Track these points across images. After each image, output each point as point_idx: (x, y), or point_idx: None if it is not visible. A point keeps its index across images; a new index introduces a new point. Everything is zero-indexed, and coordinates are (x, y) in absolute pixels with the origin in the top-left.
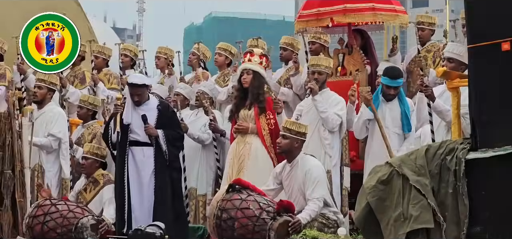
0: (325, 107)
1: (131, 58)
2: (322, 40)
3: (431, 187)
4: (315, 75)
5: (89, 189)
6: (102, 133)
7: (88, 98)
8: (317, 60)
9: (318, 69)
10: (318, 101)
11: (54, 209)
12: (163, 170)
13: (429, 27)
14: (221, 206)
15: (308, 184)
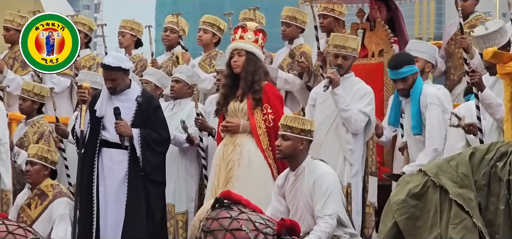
0: (346, 104)
1: (85, 34)
2: (336, 12)
3: (477, 202)
4: (339, 60)
5: (34, 204)
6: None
7: (33, 87)
8: (342, 40)
9: (343, 53)
10: (340, 96)
11: None
12: (137, 182)
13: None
14: (206, 227)
15: (318, 197)
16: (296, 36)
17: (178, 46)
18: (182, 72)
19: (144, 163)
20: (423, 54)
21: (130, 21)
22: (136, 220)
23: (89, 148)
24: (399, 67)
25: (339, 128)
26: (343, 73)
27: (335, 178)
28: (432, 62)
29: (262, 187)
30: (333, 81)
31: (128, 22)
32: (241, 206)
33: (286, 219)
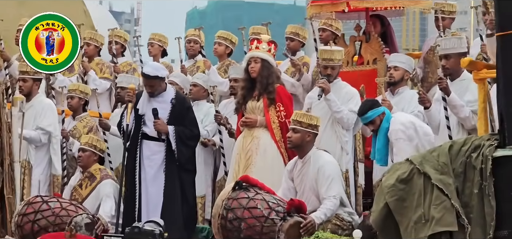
0: (338, 107)
1: (121, 44)
2: (333, 27)
3: (455, 187)
4: (328, 71)
5: (85, 184)
6: (117, 123)
7: (78, 86)
8: (329, 54)
9: (331, 64)
10: (332, 101)
11: (45, 206)
12: (172, 170)
13: (448, 16)
14: (227, 205)
15: (322, 182)
16: (298, 49)
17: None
18: (199, 78)
19: (179, 155)
20: (402, 64)
21: (158, 34)
22: (173, 204)
23: (132, 140)
24: (365, 112)
25: (335, 124)
26: (332, 80)
27: (336, 165)
28: (409, 71)
29: (275, 172)
30: (325, 89)
31: (156, 35)
32: (257, 188)
33: (294, 199)
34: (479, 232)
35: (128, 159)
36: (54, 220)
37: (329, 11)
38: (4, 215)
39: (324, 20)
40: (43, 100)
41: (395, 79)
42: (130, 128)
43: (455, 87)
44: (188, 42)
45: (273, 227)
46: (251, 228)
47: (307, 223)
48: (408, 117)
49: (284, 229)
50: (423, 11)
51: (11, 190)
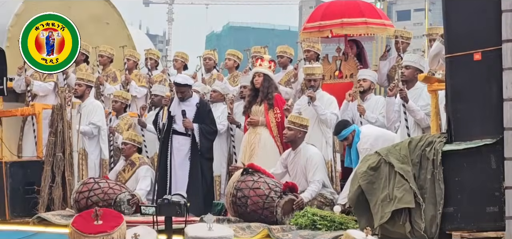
0: (323, 110)
1: (154, 60)
2: (315, 48)
3: (413, 174)
4: (311, 83)
5: (127, 169)
6: (153, 121)
7: (122, 93)
8: (311, 70)
9: (313, 77)
10: (318, 106)
11: (97, 186)
12: (195, 158)
13: (406, 41)
14: (237, 186)
15: (309, 168)
16: (287, 64)
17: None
18: (218, 86)
19: (201, 147)
20: (369, 77)
21: (181, 52)
22: (196, 184)
23: (165, 135)
24: (340, 132)
25: (320, 124)
26: (316, 89)
27: (321, 156)
28: (375, 82)
29: (273, 160)
30: (312, 98)
31: (179, 53)
32: (260, 173)
33: (289, 182)
34: (432, 209)
35: (162, 149)
36: (103, 196)
37: (316, 37)
38: (65, 193)
39: (308, 43)
40: (93, 101)
41: (364, 88)
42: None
43: (411, 94)
44: (204, 59)
45: (272, 203)
46: (255, 204)
47: (299, 200)
48: (374, 132)
49: (281, 205)
50: (389, 37)
51: (70, 173)
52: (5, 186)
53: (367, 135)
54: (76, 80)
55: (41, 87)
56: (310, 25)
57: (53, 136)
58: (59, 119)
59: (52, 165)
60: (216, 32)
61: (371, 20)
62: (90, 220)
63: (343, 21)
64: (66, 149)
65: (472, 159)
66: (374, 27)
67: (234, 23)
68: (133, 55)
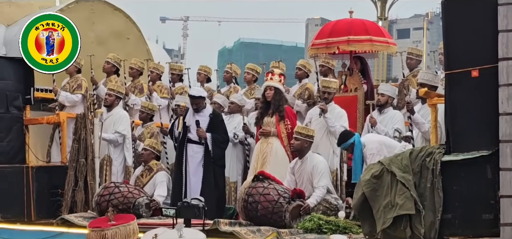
0: (333, 123)
1: (177, 74)
2: (330, 64)
3: (413, 182)
4: (325, 95)
5: (145, 175)
6: (169, 130)
7: (148, 105)
8: (328, 83)
9: (328, 90)
10: (328, 118)
11: (117, 190)
12: (208, 165)
13: (417, 58)
14: (248, 192)
15: (315, 175)
16: (303, 77)
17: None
18: (235, 98)
19: (214, 154)
20: (388, 92)
21: (204, 66)
22: (209, 189)
23: (181, 143)
24: (343, 142)
25: (329, 135)
26: (328, 102)
27: (326, 164)
28: (393, 97)
29: (283, 169)
30: (323, 110)
31: (203, 67)
32: (270, 180)
33: (296, 188)
34: (431, 215)
35: (178, 156)
36: (123, 200)
37: (323, 53)
38: (87, 196)
39: (323, 58)
40: (120, 111)
41: (381, 102)
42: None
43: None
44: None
45: (281, 208)
46: (265, 209)
47: (306, 206)
48: (376, 138)
49: (289, 210)
50: (391, 55)
51: (92, 177)
52: (31, 189)
53: (371, 140)
54: (107, 91)
55: (67, 98)
56: (319, 41)
57: (77, 143)
58: (82, 127)
59: (75, 170)
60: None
61: (376, 38)
62: (105, 220)
63: (349, 38)
64: (89, 155)
65: (469, 169)
66: (378, 45)
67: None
68: (156, 68)
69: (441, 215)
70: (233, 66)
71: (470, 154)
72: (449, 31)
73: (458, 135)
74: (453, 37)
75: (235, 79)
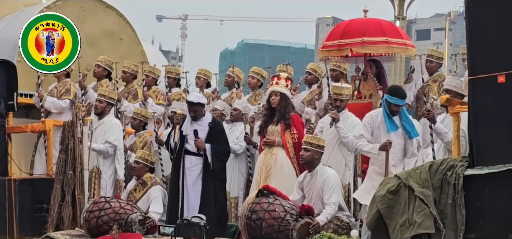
0: (345, 133)
1: (174, 78)
2: (342, 68)
3: (433, 198)
4: (337, 103)
5: (138, 189)
6: (165, 140)
7: (141, 111)
8: (339, 90)
9: (340, 97)
10: (340, 128)
11: (107, 205)
12: (208, 178)
13: (437, 61)
14: (251, 208)
15: (326, 190)
16: (313, 82)
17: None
18: (239, 104)
19: (213, 167)
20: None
21: (204, 69)
22: (208, 205)
23: (177, 155)
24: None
25: (341, 146)
26: (341, 110)
27: (337, 178)
28: (409, 104)
29: (289, 182)
30: (335, 119)
31: (202, 70)
32: (276, 195)
33: (305, 204)
34: (452, 235)
35: (174, 169)
36: (114, 216)
37: (335, 55)
38: (75, 212)
39: (334, 62)
40: (112, 119)
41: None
42: (177, 145)
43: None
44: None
45: (287, 226)
46: (270, 227)
47: (315, 224)
48: None
49: (296, 228)
50: (409, 58)
51: (81, 191)
52: (14, 204)
53: None
54: (98, 97)
55: (54, 104)
56: (330, 43)
57: (64, 153)
58: (70, 136)
59: (62, 183)
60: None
61: (393, 40)
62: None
63: (363, 39)
64: (77, 167)
65: (495, 183)
66: (395, 47)
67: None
68: (152, 72)
69: (464, 235)
70: (235, 70)
71: (495, 167)
72: (473, 32)
73: (483, 146)
74: (477, 39)
75: (237, 84)
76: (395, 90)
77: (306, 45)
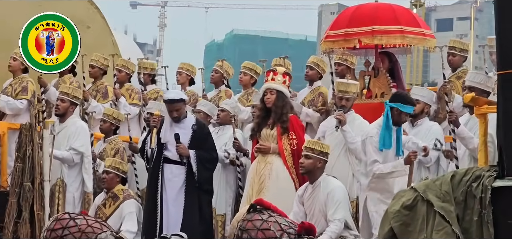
0: (353, 138)
1: (149, 74)
2: (348, 62)
3: (456, 214)
4: (343, 102)
5: (108, 204)
6: (140, 147)
7: (113, 112)
8: (345, 86)
9: (346, 95)
10: (347, 132)
11: (72, 223)
12: (192, 191)
13: (460, 53)
14: (242, 226)
15: (330, 205)
16: (315, 79)
17: (223, 85)
18: (227, 104)
19: (199, 177)
20: (423, 98)
21: (186, 64)
22: (192, 223)
23: (155, 164)
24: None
25: (348, 153)
26: (347, 111)
27: (344, 191)
28: (429, 104)
29: (287, 196)
30: (341, 121)
31: (185, 65)
32: (270, 211)
33: (305, 222)
34: None
35: (151, 181)
36: (80, 236)
37: (341, 47)
38: (33, 230)
39: (340, 54)
40: (76, 122)
41: (415, 112)
42: (154, 152)
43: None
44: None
45: None
46: None
47: None
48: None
49: None
50: (428, 50)
51: (40, 206)
52: None
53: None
54: (59, 95)
55: (8, 104)
56: (334, 32)
57: (21, 162)
58: (28, 142)
59: (19, 197)
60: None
61: (408, 29)
62: None
63: (374, 28)
64: (36, 177)
65: None
66: (412, 37)
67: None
68: (126, 66)
69: None
70: (224, 64)
71: None
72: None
73: None
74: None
75: (226, 81)
76: (405, 96)
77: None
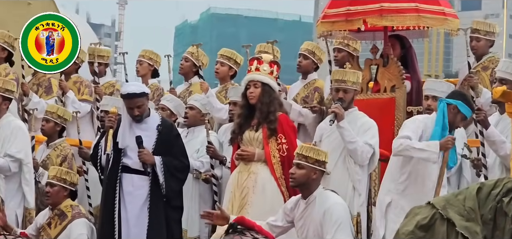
0: (352, 137)
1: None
2: (350, 47)
3: (483, 236)
4: (340, 94)
5: (54, 223)
6: (91, 153)
7: (58, 109)
8: (342, 75)
9: (343, 86)
10: (345, 129)
11: None
12: (158, 207)
13: (485, 37)
14: None
15: (328, 227)
16: (310, 70)
17: (196, 77)
18: (197, 100)
19: (167, 189)
20: (441, 93)
21: (148, 51)
22: None
23: (111, 173)
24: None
25: (347, 159)
26: (346, 106)
27: (345, 209)
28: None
29: (274, 213)
30: (338, 115)
31: (147, 52)
32: (254, 232)
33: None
34: None
35: (107, 195)
36: None
37: (342, 29)
38: None
39: (340, 38)
40: (11, 121)
41: (433, 110)
42: (110, 158)
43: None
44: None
45: None
46: None
47: None
48: None
49: None
50: (450, 33)
51: None
52: None
53: None
54: None
55: None
56: (334, 11)
57: None
58: None
59: None
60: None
61: (426, 7)
62: None
63: (383, 6)
64: None
65: None
66: (429, 17)
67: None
68: None
69: None
70: (198, 52)
71: None
72: None
73: None
74: None
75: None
76: (468, 96)
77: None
